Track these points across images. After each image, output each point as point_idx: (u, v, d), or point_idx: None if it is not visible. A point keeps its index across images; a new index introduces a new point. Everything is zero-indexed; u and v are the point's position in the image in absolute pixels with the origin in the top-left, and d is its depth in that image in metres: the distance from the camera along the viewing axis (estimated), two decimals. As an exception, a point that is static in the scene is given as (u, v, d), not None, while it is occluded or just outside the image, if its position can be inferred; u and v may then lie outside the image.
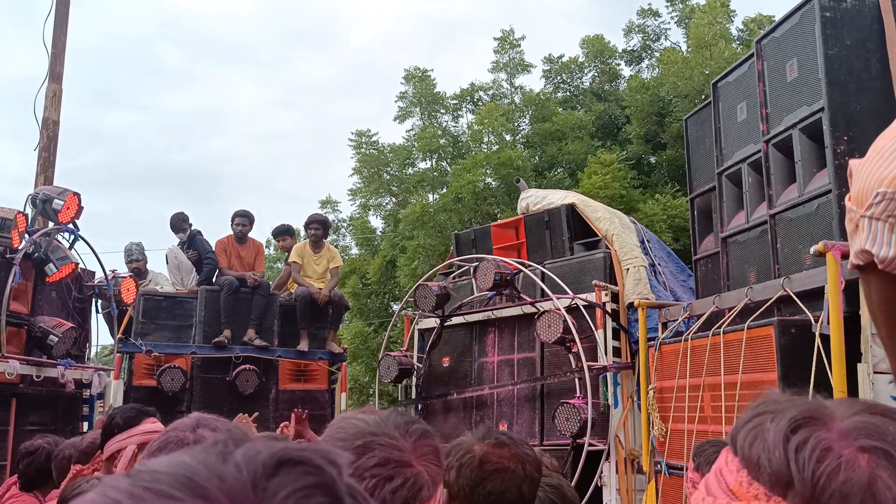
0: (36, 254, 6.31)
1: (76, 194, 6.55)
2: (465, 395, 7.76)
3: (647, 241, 7.93)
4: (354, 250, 25.72)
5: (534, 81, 43.39)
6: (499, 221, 9.42)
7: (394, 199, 24.16)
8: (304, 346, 8.81)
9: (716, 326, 5.06)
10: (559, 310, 6.77)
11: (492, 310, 7.74)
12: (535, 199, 8.42)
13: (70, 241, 6.75)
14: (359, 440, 1.17)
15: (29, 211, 6.62)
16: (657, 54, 23.13)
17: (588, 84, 24.75)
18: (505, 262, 7.49)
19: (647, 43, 23.98)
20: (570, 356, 6.82)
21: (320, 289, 8.98)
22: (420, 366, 8.31)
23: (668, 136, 20.17)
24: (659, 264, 7.74)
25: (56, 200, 6.46)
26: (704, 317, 5.44)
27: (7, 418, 6.22)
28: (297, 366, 8.96)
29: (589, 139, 21.39)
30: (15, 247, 6.00)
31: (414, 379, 8.37)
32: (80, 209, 6.60)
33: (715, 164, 5.79)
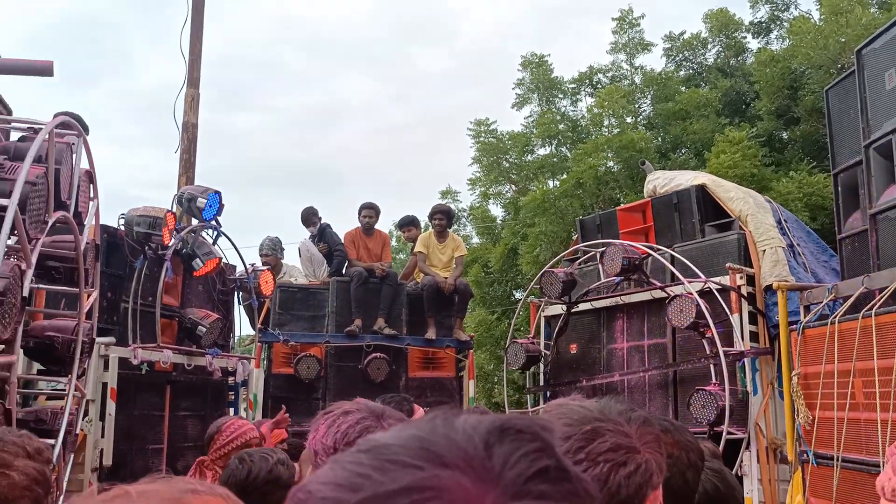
0: (184, 250, 6.72)
1: (218, 192, 6.93)
2: (595, 382, 7.67)
3: (785, 220, 7.55)
4: (475, 239, 25.88)
5: (654, 61, 42.09)
6: (625, 205, 9.23)
7: (514, 187, 24.11)
8: (431, 334, 8.96)
9: (866, 308, 4.76)
10: (691, 294, 6.57)
11: (620, 295, 7.61)
12: (662, 181, 8.18)
13: (213, 236, 7.15)
14: (587, 425, 1.18)
15: (176, 209, 7.06)
16: (787, 25, 21.90)
17: (712, 60, 23.76)
18: (633, 246, 7.33)
19: (776, 13, 22.74)
20: (704, 342, 6.61)
21: (445, 278, 9.10)
22: (547, 353, 8.28)
23: (802, 110, 19.08)
24: (798, 244, 7.36)
25: (200, 199, 6.85)
26: (852, 299, 5.12)
27: (162, 404, 6.68)
28: (425, 353, 9.13)
29: (715, 117, 20.55)
30: (166, 244, 6.41)
31: (541, 366, 8.35)
32: (221, 206, 6.98)
33: (861, 137, 5.42)
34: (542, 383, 8.44)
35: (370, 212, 9.45)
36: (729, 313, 6.63)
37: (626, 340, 7.58)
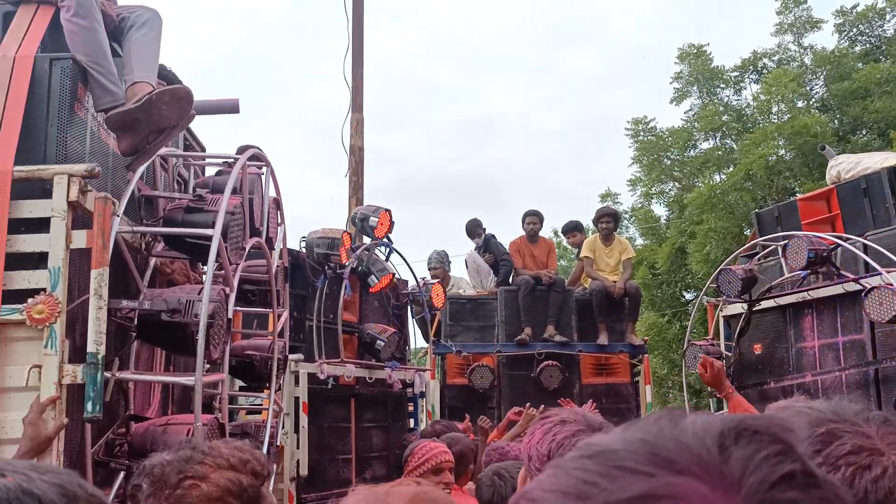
0: (360, 267, 7.02)
1: (388, 210, 7.19)
2: (784, 384, 7.23)
3: None
4: (640, 241, 25.22)
5: (825, 39, 39.30)
6: (806, 194, 8.67)
7: (677, 185, 23.31)
8: (603, 339, 8.82)
9: None
10: (891, 284, 6.05)
11: (807, 290, 7.13)
12: (846, 165, 7.62)
13: (386, 253, 7.43)
14: (820, 427, 1.11)
15: (350, 229, 7.40)
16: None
17: (892, 31, 21.89)
18: (818, 237, 6.86)
19: (964, -28, 20.64)
20: (910, 336, 6.07)
21: (614, 281, 8.94)
22: (729, 354, 7.90)
23: None
24: None
25: (371, 218, 7.14)
26: None
27: (348, 416, 6.99)
28: (597, 359, 9.00)
29: (900, 92, 18.90)
30: (343, 263, 6.73)
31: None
32: (391, 224, 7.24)
33: None
34: (724, 386, 8.05)
35: (534, 219, 9.46)
36: (937, 304, 6.04)
37: (816, 338, 7.10)
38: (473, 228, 9.88)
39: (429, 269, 10.06)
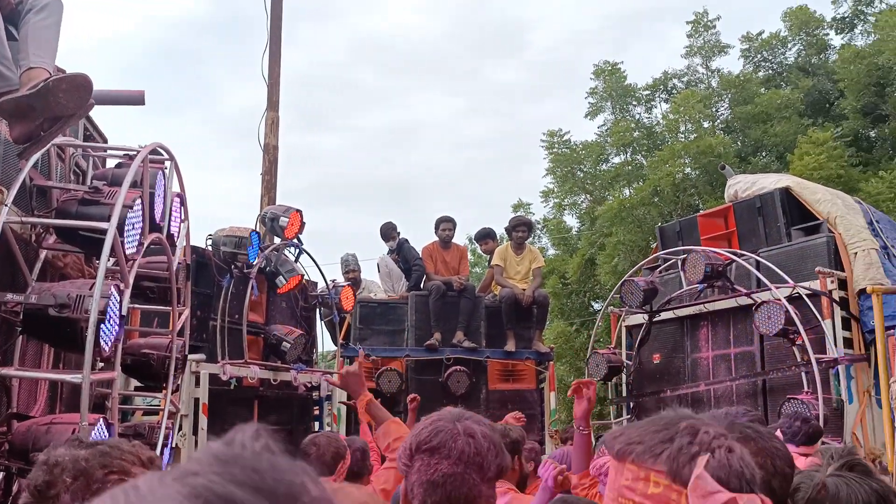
0: (268, 268, 6.91)
1: (298, 211, 7.11)
2: (680, 392, 7.51)
3: (877, 221, 7.27)
4: (551, 251, 25.69)
5: (732, 63, 41.18)
6: (705, 211, 9.04)
7: (589, 197, 23.88)
8: (510, 346, 8.93)
9: (970, 310, 4.53)
10: (779, 300, 6.38)
11: (704, 303, 7.44)
12: (744, 184, 7.99)
13: (295, 254, 7.34)
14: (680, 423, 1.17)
15: (259, 229, 7.27)
16: (871, 19, 21.08)
17: (793, 59, 23.07)
18: (715, 252, 7.17)
19: (860, 8, 21.94)
20: (795, 349, 6.40)
21: (524, 289, 9.07)
22: (629, 363, 8.15)
23: (890, 107, 18.33)
24: (892, 246, 7.05)
25: (282, 218, 7.04)
26: (954, 301, 4.89)
27: (251, 419, 6.86)
28: (505, 366, 9.11)
29: (797, 118, 19.92)
30: (250, 262, 6.61)
31: (623, 377, 8.23)
32: (302, 225, 7.16)
33: (957, 131, 5.19)
34: (624, 394, 8.31)
35: (448, 225, 9.50)
36: (820, 319, 6.41)
37: (711, 349, 7.41)
38: (388, 232, 9.86)
39: (344, 272, 9.98)
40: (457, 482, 1.54)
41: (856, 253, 6.58)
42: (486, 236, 10.38)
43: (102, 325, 3.25)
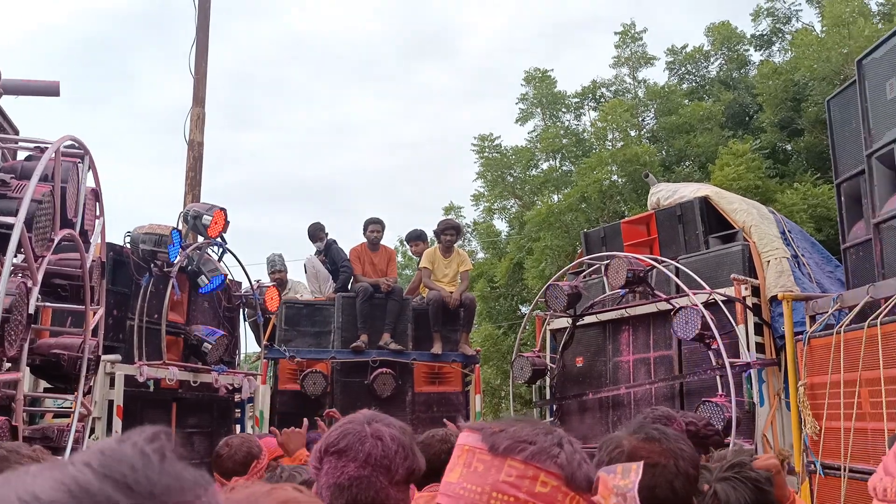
0: (189, 267, 6.75)
1: (223, 209, 6.96)
2: (601, 395, 7.66)
3: (788, 231, 7.56)
4: (480, 254, 25.85)
5: (657, 74, 42.26)
6: (629, 218, 9.24)
7: (518, 202, 24.14)
8: (437, 349, 8.95)
9: (871, 318, 4.76)
10: (696, 305, 6.57)
11: (625, 308, 7.61)
12: (665, 193, 8.20)
13: (219, 254, 7.18)
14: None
15: (181, 227, 7.09)
16: (789, 37, 21.97)
17: (715, 73, 23.82)
18: (637, 258, 7.34)
19: (778, 26, 22.81)
20: (710, 353, 6.60)
21: (451, 292, 9.10)
22: (553, 366, 8.27)
23: (806, 122, 19.10)
24: (802, 255, 7.35)
25: (205, 216, 6.88)
26: (857, 308, 5.12)
27: (169, 421, 6.68)
28: (431, 368, 9.13)
29: (719, 130, 20.58)
30: (171, 261, 6.44)
31: (548, 380, 8.34)
32: (226, 223, 7.02)
33: (863, 147, 5.44)
34: (548, 397, 8.42)
35: (376, 227, 9.46)
36: (734, 324, 6.62)
37: (631, 353, 7.57)
38: (315, 232, 9.76)
39: (270, 272, 9.83)
40: (363, 485, 1.53)
41: (768, 261, 6.83)
42: (416, 238, 10.37)
43: (7, 324, 3.11)
